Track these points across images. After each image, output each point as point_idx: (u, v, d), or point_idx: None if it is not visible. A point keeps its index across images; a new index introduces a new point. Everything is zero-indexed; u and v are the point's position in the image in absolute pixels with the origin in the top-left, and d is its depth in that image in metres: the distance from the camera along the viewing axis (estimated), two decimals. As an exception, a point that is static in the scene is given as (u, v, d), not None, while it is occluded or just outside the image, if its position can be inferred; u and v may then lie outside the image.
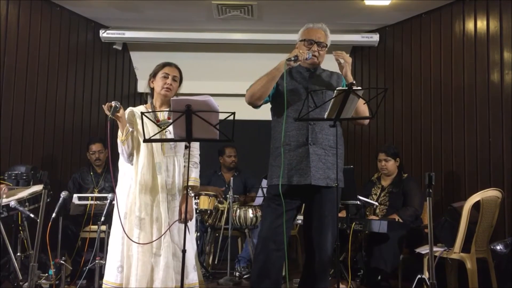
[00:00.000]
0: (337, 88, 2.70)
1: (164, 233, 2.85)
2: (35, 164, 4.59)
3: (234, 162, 5.29)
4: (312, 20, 3.06)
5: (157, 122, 2.91)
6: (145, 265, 2.83)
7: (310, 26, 2.99)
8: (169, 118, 2.94)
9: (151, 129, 2.90)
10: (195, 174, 3.00)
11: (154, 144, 2.92)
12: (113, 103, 2.81)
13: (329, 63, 3.02)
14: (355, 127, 5.59)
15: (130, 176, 2.96)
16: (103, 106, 2.84)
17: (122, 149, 2.94)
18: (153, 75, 3.07)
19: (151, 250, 2.85)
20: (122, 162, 3.02)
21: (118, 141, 2.93)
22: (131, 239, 2.83)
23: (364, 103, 2.82)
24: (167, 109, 2.96)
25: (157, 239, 2.84)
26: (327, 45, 2.97)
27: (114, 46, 5.76)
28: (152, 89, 3.09)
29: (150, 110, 2.99)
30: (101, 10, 5.29)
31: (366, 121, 3.01)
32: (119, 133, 2.92)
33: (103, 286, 2.94)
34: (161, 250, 2.85)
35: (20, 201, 3.68)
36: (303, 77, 2.95)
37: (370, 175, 4.78)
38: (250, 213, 4.55)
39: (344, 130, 3.06)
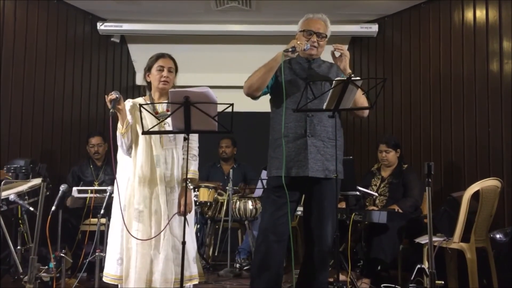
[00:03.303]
0: (336, 79, 2.69)
1: (164, 228, 2.84)
2: (34, 158, 4.58)
3: (224, 153, 5.30)
4: (311, 10, 3.03)
5: (155, 114, 2.90)
6: (144, 257, 2.83)
7: (309, 17, 2.97)
8: (167, 110, 2.93)
9: (149, 122, 2.89)
10: (194, 166, 2.99)
11: (152, 136, 2.91)
12: (113, 94, 2.77)
13: (329, 55, 3.01)
14: (354, 118, 5.58)
15: (129, 168, 2.96)
16: (106, 96, 2.80)
17: (121, 141, 2.92)
18: (148, 69, 3.04)
19: (150, 243, 2.85)
20: (121, 155, 3.00)
21: (118, 133, 2.91)
22: (130, 233, 2.83)
23: (363, 93, 2.81)
24: (166, 101, 2.95)
25: (157, 235, 2.84)
26: (327, 35, 2.95)
27: (111, 39, 5.73)
28: (149, 83, 3.06)
29: (148, 102, 2.98)
30: (98, 3, 5.26)
31: (366, 113, 3.00)
32: (119, 125, 2.90)
33: (103, 279, 2.95)
34: (161, 243, 2.85)
35: (20, 195, 3.68)
36: (303, 68, 2.94)
37: (369, 165, 4.77)
38: (249, 205, 4.55)
39: (343, 121, 3.05)
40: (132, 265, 2.84)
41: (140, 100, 3.04)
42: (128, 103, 2.99)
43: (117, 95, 2.78)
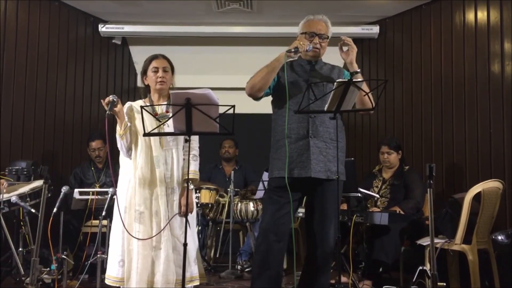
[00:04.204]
0: (337, 80, 2.69)
1: (164, 228, 2.85)
2: (36, 159, 4.60)
3: (228, 153, 5.31)
4: (312, 12, 3.03)
5: (155, 115, 2.91)
6: (146, 258, 2.84)
7: (310, 18, 2.97)
8: (167, 112, 2.94)
9: (149, 123, 2.89)
10: (194, 166, 2.99)
11: (152, 137, 2.92)
12: (110, 97, 2.80)
13: (330, 56, 3.00)
14: (356, 119, 5.59)
15: (129, 170, 2.96)
16: (102, 101, 2.83)
17: (121, 143, 2.93)
18: (144, 72, 3.07)
19: (151, 244, 2.86)
20: (122, 157, 3.02)
21: (117, 135, 2.93)
22: (131, 234, 2.83)
23: (364, 95, 2.80)
24: (166, 103, 2.96)
25: (156, 234, 2.84)
26: (328, 36, 2.95)
27: (113, 41, 5.74)
28: (147, 86, 3.08)
29: (148, 104, 2.99)
30: (99, 4, 5.27)
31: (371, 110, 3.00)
32: (118, 127, 2.92)
33: (105, 281, 2.96)
34: (161, 244, 2.85)
35: (21, 196, 3.69)
36: (304, 70, 2.94)
37: (371, 167, 4.77)
38: (251, 206, 4.55)
39: (344, 122, 3.05)
40: (133, 267, 2.84)
41: (140, 102, 3.05)
42: (127, 105, 3.00)
43: (114, 98, 2.80)
